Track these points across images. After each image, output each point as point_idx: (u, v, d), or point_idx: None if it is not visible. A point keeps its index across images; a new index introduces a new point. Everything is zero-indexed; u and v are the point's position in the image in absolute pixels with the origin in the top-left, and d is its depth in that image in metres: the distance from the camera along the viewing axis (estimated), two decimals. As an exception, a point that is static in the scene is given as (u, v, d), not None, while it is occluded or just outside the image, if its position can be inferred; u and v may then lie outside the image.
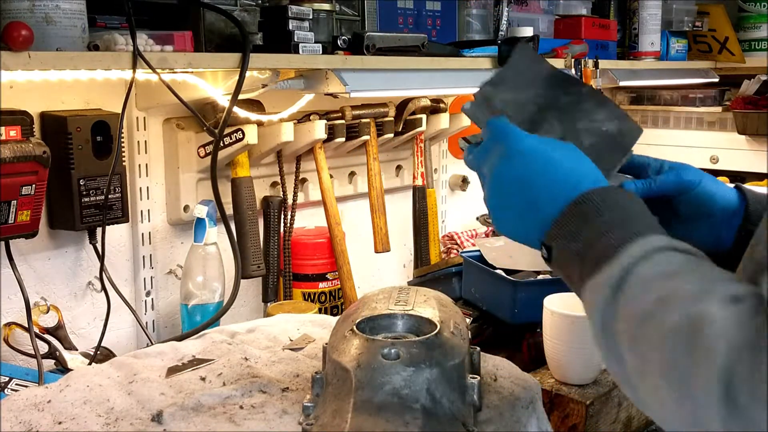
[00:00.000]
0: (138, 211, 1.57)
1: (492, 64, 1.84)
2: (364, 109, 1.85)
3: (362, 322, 1.01)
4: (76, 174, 1.38)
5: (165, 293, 1.66)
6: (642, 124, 2.93)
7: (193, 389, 1.08)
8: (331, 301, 1.80)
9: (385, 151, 2.03)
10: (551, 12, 2.33)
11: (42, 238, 1.43)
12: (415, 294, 1.11)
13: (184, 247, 1.64)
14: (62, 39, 1.13)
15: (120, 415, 1.01)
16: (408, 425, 0.86)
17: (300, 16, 1.44)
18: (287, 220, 1.80)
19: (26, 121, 1.27)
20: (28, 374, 1.29)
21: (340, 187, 1.95)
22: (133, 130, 1.55)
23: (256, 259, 1.65)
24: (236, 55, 1.35)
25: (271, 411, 1.01)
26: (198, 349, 1.24)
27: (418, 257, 2.06)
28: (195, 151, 1.62)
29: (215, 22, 1.38)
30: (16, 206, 1.25)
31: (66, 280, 1.49)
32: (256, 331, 1.32)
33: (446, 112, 2.06)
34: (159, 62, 1.25)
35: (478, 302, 1.68)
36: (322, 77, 1.50)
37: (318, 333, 1.29)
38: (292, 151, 1.77)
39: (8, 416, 1.01)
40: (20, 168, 1.23)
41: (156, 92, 1.46)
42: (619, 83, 2.41)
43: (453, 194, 2.39)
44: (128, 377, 1.12)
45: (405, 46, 1.63)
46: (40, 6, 1.11)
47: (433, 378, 0.91)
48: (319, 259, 1.79)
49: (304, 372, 1.13)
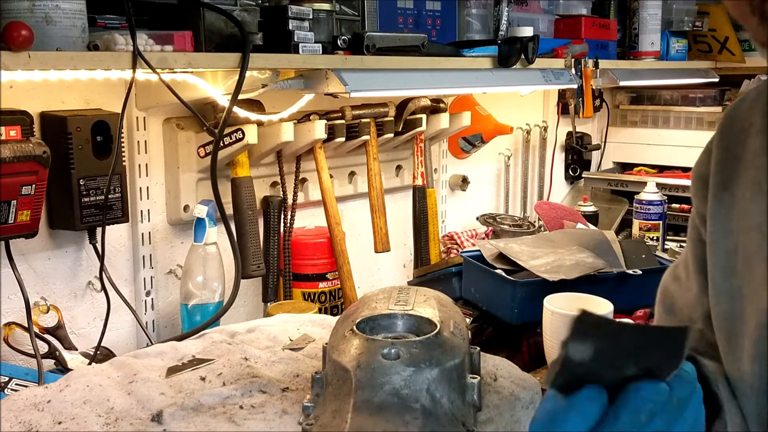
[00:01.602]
0: (138, 211, 1.57)
1: (492, 63, 1.85)
2: (364, 109, 1.85)
3: (362, 322, 1.01)
4: (76, 174, 1.38)
5: (165, 293, 1.66)
6: (642, 124, 2.94)
7: (193, 389, 1.08)
8: (331, 301, 1.80)
9: (385, 151, 2.03)
10: (551, 12, 2.33)
11: (42, 238, 1.43)
12: (415, 294, 1.11)
13: (184, 247, 1.64)
14: (62, 39, 1.13)
15: (120, 415, 1.01)
16: (408, 425, 0.86)
17: (300, 16, 1.44)
18: (287, 220, 1.80)
19: (26, 121, 1.27)
20: (28, 374, 1.29)
21: (340, 187, 1.95)
22: (133, 130, 1.55)
23: (256, 259, 1.65)
24: (236, 55, 1.35)
25: (271, 411, 1.01)
26: (198, 349, 1.24)
27: (418, 257, 2.06)
28: (195, 151, 1.62)
29: (215, 22, 1.38)
30: (16, 206, 1.25)
31: (66, 280, 1.49)
32: (256, 331, 1.32)
33: (446, 112, 2.06)
34: (159, 62, 1.25)
35: (478, 302, 1.68)
36: (322, 77, 1.50)
37: (318, 333, 1.29)
38: (292, 151, 1.77)
39: (8, 416, 1.01)
40: (20, 168, 1.23)
41: (156, 92, 1.46)
42: (619, 83, 2.41)
43: (453, 194, 2.39)
44: (128, 377, 1.12)
45: (405, 46, 1.63)
46: (40, 6, 1.11)
47: (433, 378, 0.91)
48: (319, 259, 1.79)
49: (304, 372, 1.13)
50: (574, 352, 0.57)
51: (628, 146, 2.97)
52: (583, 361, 0.58)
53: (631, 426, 0.60)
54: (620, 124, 2.99)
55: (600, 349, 0.57)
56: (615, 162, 3.04)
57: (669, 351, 0.60)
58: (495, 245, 1.72)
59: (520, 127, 2.61)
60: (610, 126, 2.99)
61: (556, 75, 2.06)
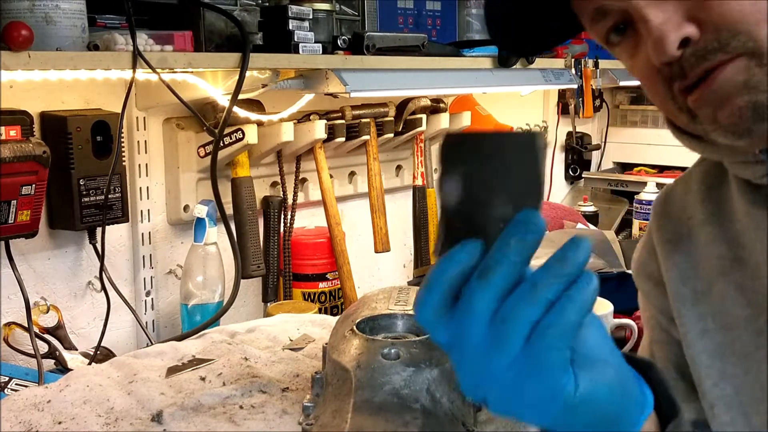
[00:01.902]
0: (138, 211, 1.57)
1: (492, 63, 1.84)
2: (364, 109, 1.85)
3: (362, 322, 1.01)
4: (76, 174, 1.38)
5: (165, 293, 1.66)
6: (642, 124, 2.93)
7: (193, 389, 1.08)
8: (331, 301, 1.80)
9: (385, 151, 2.03)
10: (551, 12, 2.33)
11: (42, 238, 1.43)
12: (415, 294, 1.10)
13: (184, 247, 1.64)
14: (62, 39, 1.13)
15: (120, 415, 1.01)
16: (408, 425, 0.86)
17: (300, 16, 1.44)
18: (287, 220, 1.79)
19: (26, 121, 1.27)
20: (28, 374, 1.29)
21: (340, 187, 1.95)
22: (133, 130, 1.55)
23: (256, 259, 1.65)
24: (236, 55, 1.35)
25: (271, 411, 1.01)
26: (198, 349, 1.24)
27: (418, 257, 2.06)
28: (195, 151, 1.62)
29: (215, 22, 1.38)
30: (16, 206, 1.25)
31: (66, 280, 1.49)
32: (256, 331, 1.32)
33: (446, 112, 2.06)
34: (159, 62, 1.25)
35: (478, 302, 1.68)
36: (322, 77, 1.50)
37: (318, 333, 1.29)
38: (292, 151, 1.77)
39: (8, 416, 1.01)
40: (20, 168, 1.23)
41: (156, 92, 1.46)
42: (619, 83, 2.41)
43: (453, 194, 2.38)
44: (128, 377, 1.12)
45: (405, 46, 1.63)
46: (40, 6, 1.11)
47: (433, 378, 0.91)
48: (319, 259, 1.79)
49: (304, 372, 1.13)
50: (447, 191, 0.55)
51: (628, 146, 2.97)
52: (456, 202, 0.55)
53: (506, 262, 0.52)
54: (620, 124, 2.99)
55: (465, 175, 0.55)
56: (615, 162, 3.04)
57: (525, 162, 0.55)
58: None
59: (520, 127, 2.61)
60: (610, 126, 2.99)
61: (556, 75, 2.06)
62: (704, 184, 0.82)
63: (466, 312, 0.53)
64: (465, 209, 0.56)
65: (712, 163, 0.82)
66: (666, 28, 0.64)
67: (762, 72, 0.63)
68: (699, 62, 0.65)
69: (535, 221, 0.53)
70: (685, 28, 0.64)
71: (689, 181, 0.85)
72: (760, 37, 0.63)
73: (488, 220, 0.55)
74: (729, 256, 0.76)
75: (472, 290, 0.53)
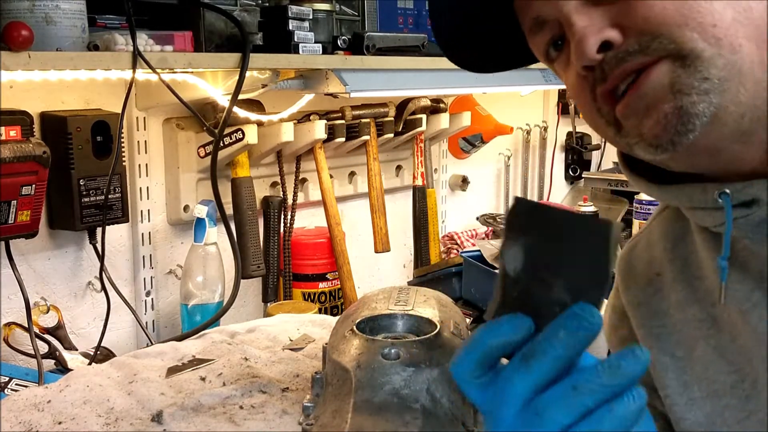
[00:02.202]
0: (138, 211, 1.57)
1: (492, 64, 1.84)
2: (364, 109, 1.85)
3: (362, 322, 1.01)
4: (76, 174, 1.38)
5: (165, 293, 1.66)
6: (642, 124, 2.93)
7: (193, 389, 1.08)
8: (331, 301, 1.80)
9: (385, 151, 2.03)
10: (551, 12, 2.33)
11: (42, 238, 1.43)
12: (415, 294, 1.10)
13: (184, 247, 1.64)
14: (62, 39, 1.13)
15: (120, 415, 1.01)
16: (408, 425, 0.86)
17: (300, 16, 1.44)
18: (287, 220, 1.80)
19: (26, 121, 1.27)
20: (28, 374, 1.29)
21: (340, 187, 1.95)
22: (133, 130, 1.55)
23: (256, 259, 1.65)
24: (236, 55, 1.35)
25: (271, 411, 1.01)
26: (198, 349, 1.24)
27: (418, 257, 2.07)
28: (195, 151, 1.62)
29: (215, 22, 1.38)
30: (16, 206, 1.25)
31: (66, 280, 1.49)
32: (256, 331, 1.32)
33: (446, 112, 2.06)
34: (159, 62, 1.25)
35: (478, 302, 1.68)
36: (322, 77, 1.50)
37: (318, 333, 1.29)
38: (292, 151, 1.77)
39: (8, 416, 1.01)
40: (20, 168, 1.23)
41: (156, 92, 1.46)
42: (619, 83, 2.41)
43: (453, 194, 2.39)
44: (128, 377, 1.12)
45: (405, 46, 1.63)
46: (40, 6, 1.11)
47: (433, 378, 0.91)
48: (319, 259, 1.79)
49: (304, 372, 1.13)
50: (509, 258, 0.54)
51: (628, 146, 2.96)
52: (516, 271, 0.53)
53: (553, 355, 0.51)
54: (620, 124, 2.98)
55: (530, 247, 0.53)
56: (615, 162, 3.03)
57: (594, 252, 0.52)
58: (495, 245, 1.73)
59: (520, 127, 2.61)
60: (610, 126, 2.98)
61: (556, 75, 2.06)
62: (667, 237, 0.79)
63: (503, 390, 0.53)
64: (523, 281, 0.54)
65: (672, 211, 0.79)
66: (587, 31, 0.64)
67: (687, 74, 0.61)
68: (619, 63, 0.64)
69: (591, 317, 0.51)
70: (607, 32, 0.64)
71: (651, 234, 0.82)
72: (682, 39, 0.61)
73: (544, 300, 0.53)
74: (703, 317, 0.73)
75: (513, 371, 0.52)
